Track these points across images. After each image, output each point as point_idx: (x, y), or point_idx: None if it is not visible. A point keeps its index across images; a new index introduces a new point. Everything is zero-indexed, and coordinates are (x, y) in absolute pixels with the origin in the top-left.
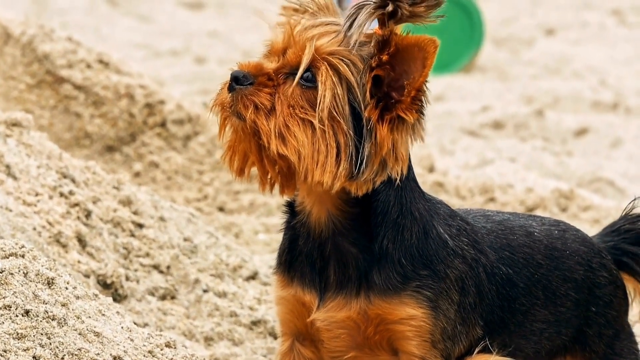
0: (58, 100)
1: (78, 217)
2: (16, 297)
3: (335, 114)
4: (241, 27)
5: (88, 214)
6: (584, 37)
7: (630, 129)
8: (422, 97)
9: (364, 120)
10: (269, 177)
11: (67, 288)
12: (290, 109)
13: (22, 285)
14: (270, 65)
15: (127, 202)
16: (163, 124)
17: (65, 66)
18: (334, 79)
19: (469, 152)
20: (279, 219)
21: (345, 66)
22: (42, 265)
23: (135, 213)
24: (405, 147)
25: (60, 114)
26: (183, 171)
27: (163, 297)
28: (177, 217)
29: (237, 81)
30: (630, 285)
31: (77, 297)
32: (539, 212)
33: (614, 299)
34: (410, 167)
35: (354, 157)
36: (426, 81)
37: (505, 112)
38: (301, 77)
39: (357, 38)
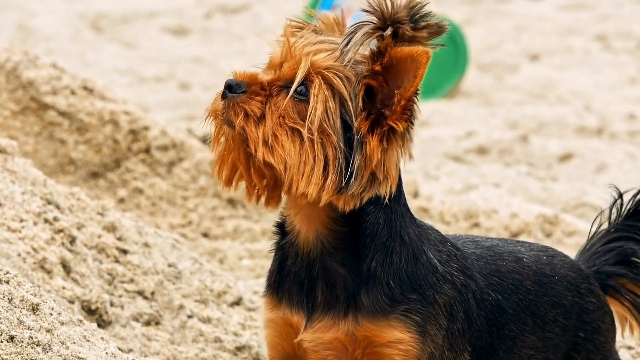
0: (42, 127)
1: (62, 243)
2: (1, 323)
3: (325, 126)
4: (225, 53)
5: (72, 240)
6: (568, 62)
7: (615, 154)
8: (412, 107)
9: (354, 132)
10: (255, 188)
11: (51, 314)
12: (280, 119)
13: (6, 311)
14: (265, 77)
15: (111, 228)
16: (147, 150)
17: (49, 93)
18: (326, 93)
19: (454, 178)
20: (263, 245)
21: (339, 80)
22: (26, 291)
23: (119, 239)
24: (395, 162)
25: (44, 140)
26: (167, 197)
27: (147, 323)
28: (161, 243)
29: (230, 89)
30: (616, 309)
31: (62, 323)
32: (523, 238)
33: (602, 325)
34: (401, 193)
35: (343, 170)
36: (417, 92)
37: (489, 137)
38: (300, 92)
39: (352, 56)
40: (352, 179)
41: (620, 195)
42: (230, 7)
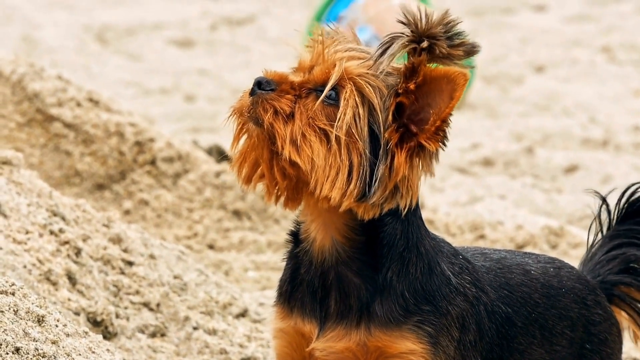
0: (48, 139)
1: (68, 255)
2: (6, 334)
3: (353, 132)
4: (230, 65)
5: (78, 252)
6: (573, 74)
7: (620, 166)
8: (446, 128)
9: (382, 143)
10: (276, 187)
11: (57, 326)
12: (310, 119)
13: (12, 323)
14: (296, 78)
15: (117, 240)
16: (153, 162)
17: (55, 104)
18: (357, 99)
19: (459, 190)
20: (268, 257)
21: (370, 89)
22: (32, 303)
23: (125, 251)
24: (418, 178)
25: (50, 152)
26: (173, 209)
27: (153, 335)
28: (167, 255)
29: (260, 86)
30: (621, 319)
31: (68, 335)
32: (529, 249)
33: (608, 337)
34: (418, 205)
35: (367, 178)
36: (451, 114)
37: (495, 149)
38: (329, 96)
39: (385, 67)
40: (375, 188)
41: (604, 199)
42: (236, 19)
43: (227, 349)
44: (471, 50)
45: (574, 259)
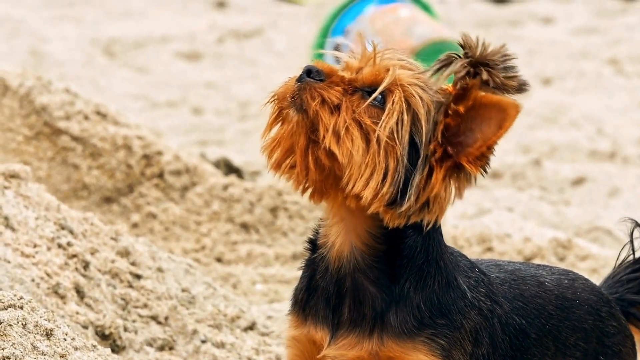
0: (56, 152)
1: (76, 269)
2: (15, 348)
3: (394, 136)
4: (238, 77)
5: (86, 265)
6: (580, 86)
7: (627, 178)
8: (490, 155)
9: (422, 154)
10: (306, 178)
11: (65, 339)
12: (355, 115)
13: (20, 337)
14: (345, 73)
15: (125, 253)
16: (160, 175)
17: (62, 118)
18: (404, 106)
19: (466, 202)
20: (276, 270)
21: (417, 99)
22: (40, 317)
23: (133, 264)
24: (450, 198)
25: (58, 165)
26: (181, 222)
27: (161, 348)
28: (174, 268)
29: (309, 74)
30: (638, 338)
31: (76, 348)
32: (536, 262)
33: (622, 349)
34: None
35: (400, 185)
36: (497, 142)
37: (502, 161)
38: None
39: (437, 83)
40: (407, 197)
41: (638, 224)
42: (243, 32)
43: None
44: (522, 87)
45: (582, 271)
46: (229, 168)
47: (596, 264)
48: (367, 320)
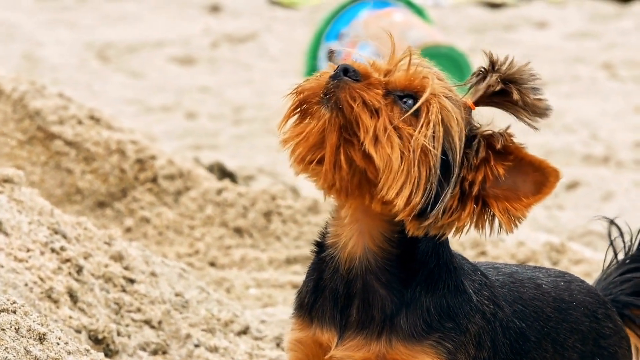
0: (49, 157)
1: (69, 273)
2: (8, 352)
3: (428, 146)
4: (232, 82)
5: (79, 270)
6: (575, 90)
7: (621, 183)
8: (523, 217)
9: (454, 172)
10: (335, 175)
11: (58, 343)
12: (393, 120)
13: (13, 341)
14: (378, 76)
15: (118, 258)
16: (154, 180)
17: (56, 122)
18: (439, 117)
19: None
20: (270, 274)
21: (451, 112)
22: (33, 321)
23: (126, 268)
24: (471, 228)
25: (51, 170)
26: (174, 226)
27: (155, 352)
28: (168, 272)
29: (346, 72)
30: (632, 340)
31: (69, 353)
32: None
33: (618, 350)
34: None
35: (432, 198)
36: (533, 207)
37: None
38: (405, 103)
39: (469, 98)
40: (435, 212)
41: (613, 223)
42: (237, 36)
43: None
44: (546, 110)
45: (576, 275)
46: (223, 172)
47: (590, 268)
48: (376, 322)
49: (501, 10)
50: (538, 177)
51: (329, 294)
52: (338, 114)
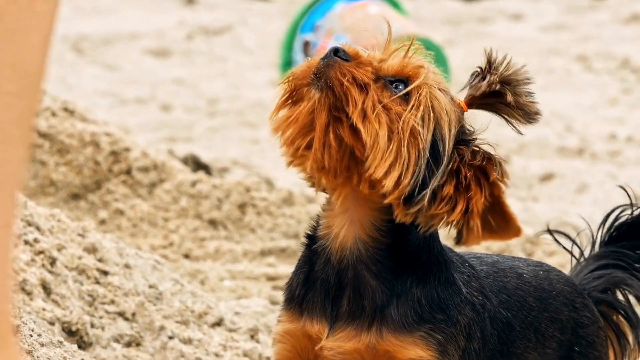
0: None
1: (43, 265)
2: None
3: (417, 129)
4: (207, 74)
5: (53, 262)
6: (549, 83)
7: (596, 175)
8: (476, 243)
9: (443, 162)
10: (324, 155)
11: (31, 335)
12: (382, 98)
13: None
14: (370, 58)
15: (92, 250)
16: (128, 172)
17: None
18: (428, 103)
19: None
20: (244, 266)
21: (440, 104)
22: None
23: (100, 260)
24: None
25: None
26: (148, 218)
27: (128, 344)
28: (142, 264)
29: (337, 53)
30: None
31: (42, 345)
32: None
33: (596, 339)
34: None
35: (419, 181)
36: (482, 240)
37: None
38: (396, 87)
39: (465, 95)
40: (421, 197)
41: (550, 232)
42: (212, 28)
43: (203, 358)
44: (536, 114)
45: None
46: (197, 164)
47: (563, 259)
48: (367, 313)
49: (476, 3)
50: (502, 225)
51: (320, 285)
52: (328, 92)
